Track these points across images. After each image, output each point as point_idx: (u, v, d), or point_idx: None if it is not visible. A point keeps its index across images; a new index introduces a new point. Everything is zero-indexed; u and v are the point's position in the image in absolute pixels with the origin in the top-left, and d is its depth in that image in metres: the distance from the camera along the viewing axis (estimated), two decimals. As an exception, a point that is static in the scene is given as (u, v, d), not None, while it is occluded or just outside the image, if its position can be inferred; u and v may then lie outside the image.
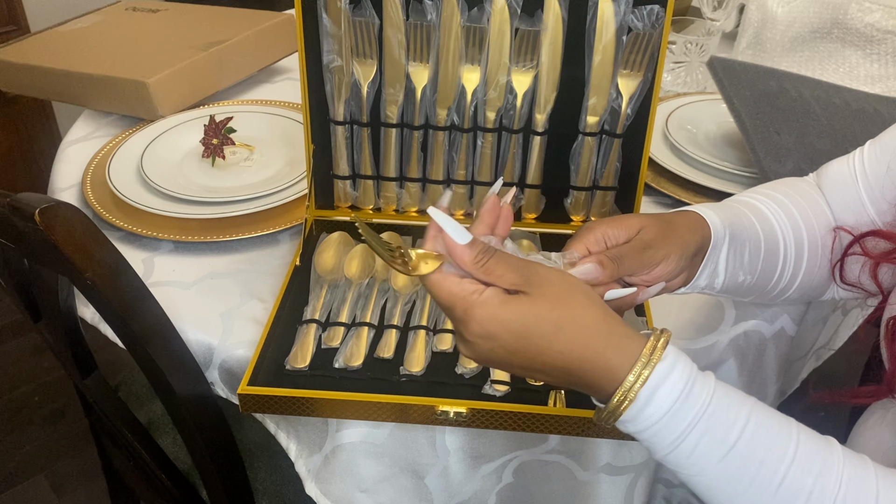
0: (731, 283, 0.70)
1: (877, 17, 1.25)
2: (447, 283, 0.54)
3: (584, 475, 0.78)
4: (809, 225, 0.74)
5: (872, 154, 0.73)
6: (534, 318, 0.52)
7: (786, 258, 0.72)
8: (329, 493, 0.78)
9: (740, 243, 0.68)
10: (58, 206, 0.64)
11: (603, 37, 0.81)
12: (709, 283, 0.68)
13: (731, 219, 0.68)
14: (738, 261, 0.68)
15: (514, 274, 0.53)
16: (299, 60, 0.84)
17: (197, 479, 1.02)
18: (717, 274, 0.68)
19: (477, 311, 0.53)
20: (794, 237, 0.73)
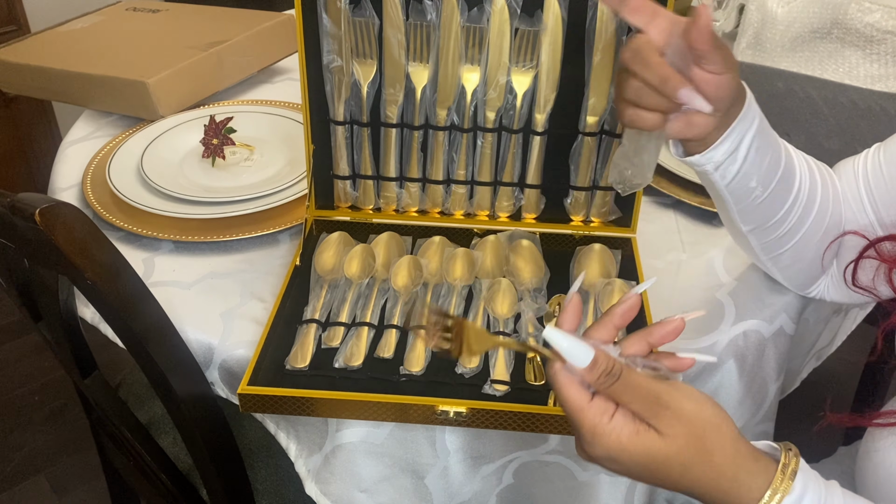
0: (742, 184, 0.68)
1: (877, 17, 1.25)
2: (576, 397, 0.52)
3: (584, 476, 0.78)
4: (825, 191, 0.74)
5: (877, 158, 0.73)
6: (663, 458, 0.51)
7: (798, 197, 0.72)
8: (329, 493, 0.78)
9: (765, 143, 0.67)
10: (58, 206, 0.64)
11: (603, 37, 0.81)
12: (725, 160, 0.65)
13: (762, 114, 0.67)
14: (759, 161, 0.67)
15: (640, 404, 0.51)
16: (299, 60, 0.84)
17: (197, 479, 1.02)
18: (737, 156, 0.65)
19: (604, 440, 0.52)
20: (810, 185, 0.73)
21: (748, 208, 0.71)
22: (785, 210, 0.72)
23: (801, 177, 0.72)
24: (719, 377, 0.81)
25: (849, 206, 0.74)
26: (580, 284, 0.58)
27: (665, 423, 0.51)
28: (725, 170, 0.67)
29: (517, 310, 0.81)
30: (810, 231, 0.74)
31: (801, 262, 0.78)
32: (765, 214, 0.72)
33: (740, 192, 0.69)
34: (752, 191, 0.69)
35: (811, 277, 0.80)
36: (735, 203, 0.71)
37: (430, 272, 0.85)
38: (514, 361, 0.76)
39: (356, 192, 0.92)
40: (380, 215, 0.93)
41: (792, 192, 0.71)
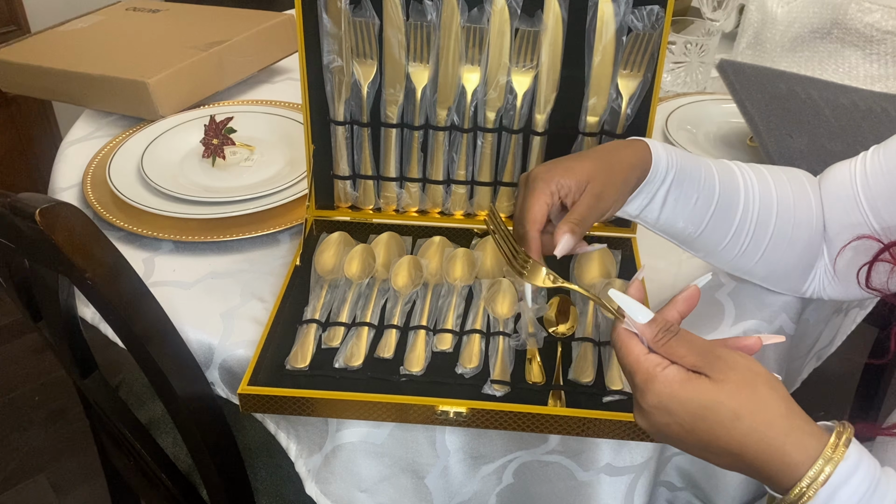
0: (669, 226, 0.72)
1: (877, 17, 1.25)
2: (635, 348, 0.55)
3: (584, 476, 0.78)
4: (784, 204, 0.74)
5: (876, 158, 0.73)
6: (713, 403, 0.51)
7: (743, 223, 0.73)
8: (329, 493, 0.78)
9: (686, 191, 0.70)
10: (58, 206, 0.64)
11: (603, 37, 0.81)
12: (641, 214, 0.71)
13: (685, 164, 0.70)
14: (681, 207, 0.70)
15: (695, 356, 0.53)
16: (299, 60, 0.84)
17: (197, 478, 1.02)
18: (652, 209, 0.70)
19: (657, 386, 0.53)
20: (761, 207, 0.73)
21: (688, 242, 0.74)
22: (731, 238, 0.74)
23: (747, 202, 0.73)
24: (719, 377, 0.81)
25: (842, 208, 0.75)
26: (642, 275, 0.62)
27: (718, 370, 0.52)
28: (644, 220, 0.72)
29: (517, 310, 0.81)
30: (775, 245, 0.75)
31: (780, 271, 0.78)
32: (707, 245, 0.74)
33: (671, 232, 0.73)
34: (683, 230, 0.72)
35: (797, 281, 0.80)
36: (673, 239, 0.75)
37: (430, 272, 0.85)
38: (514, 361, 0.76)
39: (356, 192, 0.92)
40: (380, 215, 0.93)
41: (734, 221, 0.73)
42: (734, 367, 0.52)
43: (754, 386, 0.52)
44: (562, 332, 0.79)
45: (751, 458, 0.51)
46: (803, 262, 0.78)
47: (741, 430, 0.51)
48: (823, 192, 0.77)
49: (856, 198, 0.73)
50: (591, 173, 0.67)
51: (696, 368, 0.53)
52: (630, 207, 0.70)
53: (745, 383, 0.52)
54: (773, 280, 0.80)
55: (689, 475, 0.90)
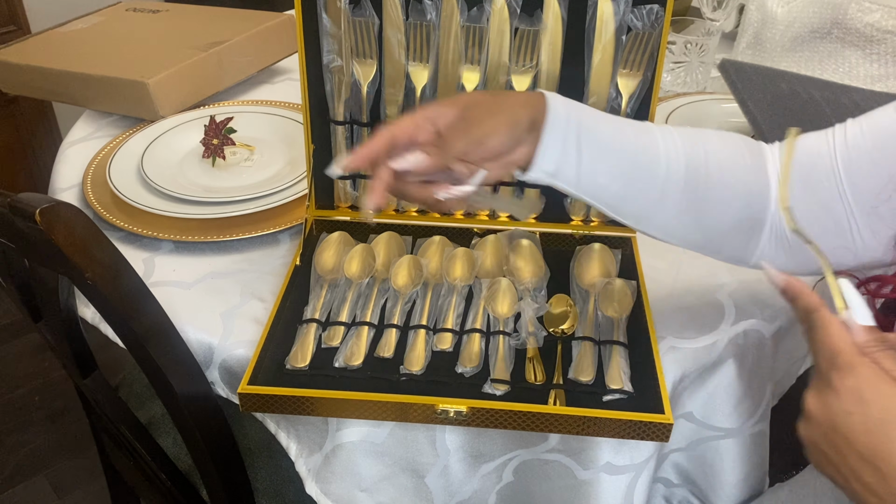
0: (592, 184, 0.69)
1: (877, 17, 1.25)
2: (842, 331, 0.52)
3: (584, 474, 0.79)
4: (717, 168, 0.70)
5: (857, 131, 0.69)
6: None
7: (668, 183, 0.69)
8: (329, 493, 0.78)
9: (598, 140, 0.67)
10: (58, 206, 0.65)
11: (602, 36, 0.82)
12: (559, 169, 0.67)
13: (586, 114, 0.68)
14: (597, 158, 0.67)
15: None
16: (299, 60, 0.84)
17: (197, 478, 1.02)
18: (568, 163, 0.67)
19: (866, 370, 0.49)
20: (688, 167, 0.69)
21: (615, 206, 0.71)
22: (657, 197, 0.70)
23: (669, 160, 0.69)
24: (719, 376, 0.82)
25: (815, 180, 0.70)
26: None
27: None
28: (565, 175, 0.68)
29: (517, 309, 0.81)
30: (709, 209, 0.71)
31: (716, 238, 0.74)
32: (637, 207, 0.71)
33: (597, 193, 0.70)
34: (608, 188, 0.69)
35: (740, 250, 0.75)
36: (600, 203, 0.71)
37: (430, 272, 0.85)
38: (514, 361, 0.76)
39: (356, 191, 0.92)
40: (380, 215, 0.93)
41: (657, 179, 0.69)
42: None
43: None
44: (562, 331, 0.79)
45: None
46: (743, 229, 0.73)
47: None
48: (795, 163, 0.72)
49: (833, 171, 0.69)
50: (471, 101, 0.66)
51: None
52: (544, 162, 0.66)
53: None
54: (712, 248, 0.76)
55: (687, 472, 0.90)
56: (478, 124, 0.64)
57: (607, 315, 0.80)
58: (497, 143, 0.64)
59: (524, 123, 0.65)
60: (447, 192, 0.66)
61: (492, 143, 0.64)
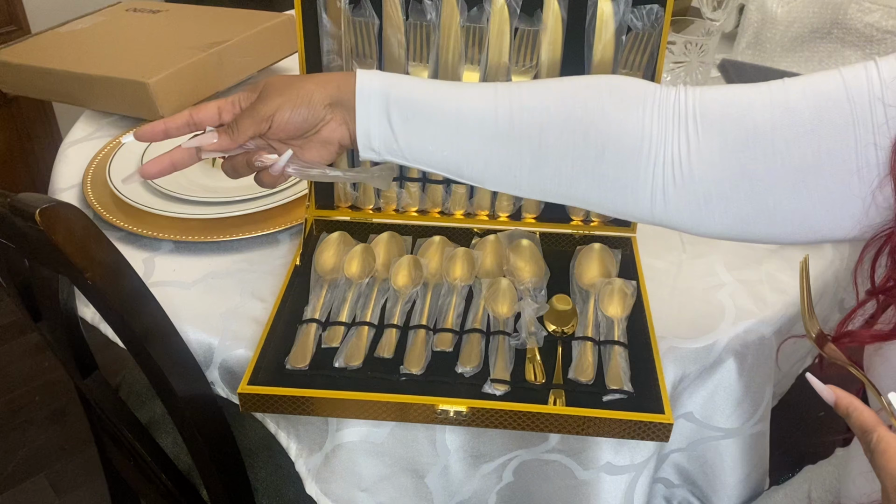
0: (423, 154, 0.68)
1: (876, 17, 1.25)
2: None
3: (584, 474, 0.79)
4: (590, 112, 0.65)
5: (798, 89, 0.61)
6: None
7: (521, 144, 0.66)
8: (329, 493, 0.78)
9: (413, 111, 0.66)
10: (58, 206, 0.64)
11: (602, 36, 0.82)
12: (382, 144, 0.68)
13: (408, 84, 0.67)
14: (417, 128, 0.67)
15: None
16: (299, 60, 0.84)
17: (197, 478, 1.02)
18: (386, 137, 0.67)
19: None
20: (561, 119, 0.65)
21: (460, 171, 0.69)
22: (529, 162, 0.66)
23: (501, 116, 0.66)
24: (719, 376, 0.82)
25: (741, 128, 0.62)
26: None
27: None
28: (390, 150, 0.68)
29: (517, 309, 0.81)
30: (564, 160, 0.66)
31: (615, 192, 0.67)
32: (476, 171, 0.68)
33: (427, 160, 0.68)
34: (445, 158, 0.68)
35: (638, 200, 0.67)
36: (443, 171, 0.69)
37: (430, 272, 0.85)
38: (513, 361, 0.76)
39: (356, 191, 0.92)
40: (380, 215, 0.93)
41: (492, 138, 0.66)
42: None
43: None
44: (562, 331, 0.79)
45: None
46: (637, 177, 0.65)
47: None
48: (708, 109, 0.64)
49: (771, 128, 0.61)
50: (269, 83, 0.68)
51: None
52: (362, 138, 0.67)
53: None
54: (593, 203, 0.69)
55: (687, 472, 0.90)
56: (264, 103, 0.67)
57: (607, 315, 0.80)
58: (284, 120, 0.66)
59: (318, 101, 0.67)
60: (259, 159, 0.69)
61: (278, 119, 0.66)
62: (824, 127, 0.60)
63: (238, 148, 0.70)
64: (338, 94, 0.67)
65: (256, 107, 0.67)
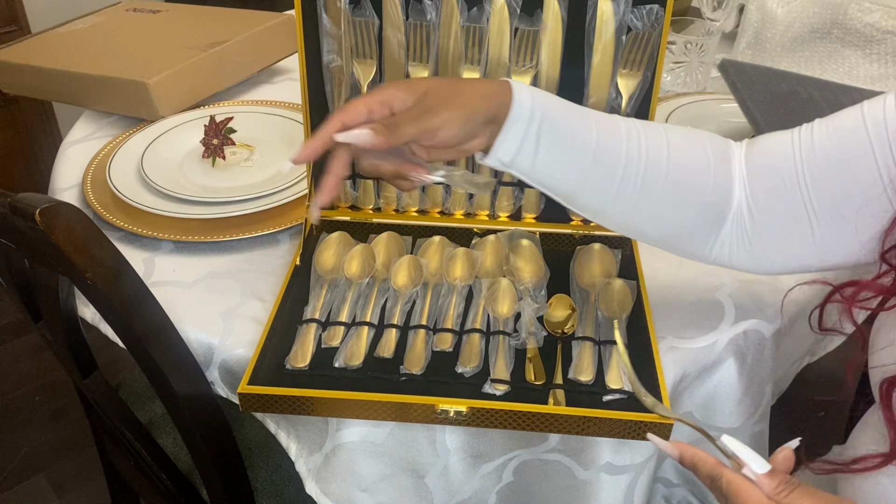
0: (548, 177, 0.69)
1: (876, 17, 1.25)
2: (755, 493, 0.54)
3: (584, 474, 0.79)
4: (676, 162, 0.70)
5: (823, 132, 0.68)
6: None
7: (627, 179, 0.69)
8: (329, 493, 0.78)
9: (560, 136, 0.67)
10: (58, 206, 0.65)
11: (602, 36, 0.82)
12: (514, 161, 0.67)
13: (552, 107, 0.67)
14: (556, 154, 0.67)
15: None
16: (299, 60, 0.84)
17: (197, 478, 1.02)
18: (525, 155, 0.67)
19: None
20: (648, 162, 0.69)
21: (570, 198, 0.71)
22: (615, 194, 0.70)
23: (630, 156, 0.69)
24: (719, 376, 0.82)
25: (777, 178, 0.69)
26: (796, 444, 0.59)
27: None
28: (520, 168, 0.68)
29: (517, 309, 0.81)
30: (665, 204, 0.71)
31: (673, 234, 0.74)
32: (591, 202, 0.71)
33: (551, 185, 0.70)
34: (561, 182, 0.69)
35: (698, 247, 0.75)
36: (554, 194, 0.71)
37: (430, 272, 0.85)
38: (513, 361, 0.76)
39: (356, 191, 0.92)
40: (380, 215, 0.93)
41: (616, 176, 0.69)
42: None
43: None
44: (562, 331, 0.79)
45: None
46: (701, 227, 0.73)
47: None
48: (754, 159, 0.72)
49: (796, 169, 0.68)
50: (430, 88, 0.65)
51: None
52: (501, 153, 0.66)
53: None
54: (668, 244, 0.75)
55: (686, 472, 0.90)
56: (433, 114, 0.63)
57: (607, 315, 0.80)
58: (449, 136, 0.64)
59: (481, 117, 0.65)
60: (418, 176, 0.66)
61: (444, 135, 0.64)
62: (846, 156, 0.65)
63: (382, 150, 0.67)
64: (496, 112, 0.65)
65: (423, 117, 0.63)
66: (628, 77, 0.83)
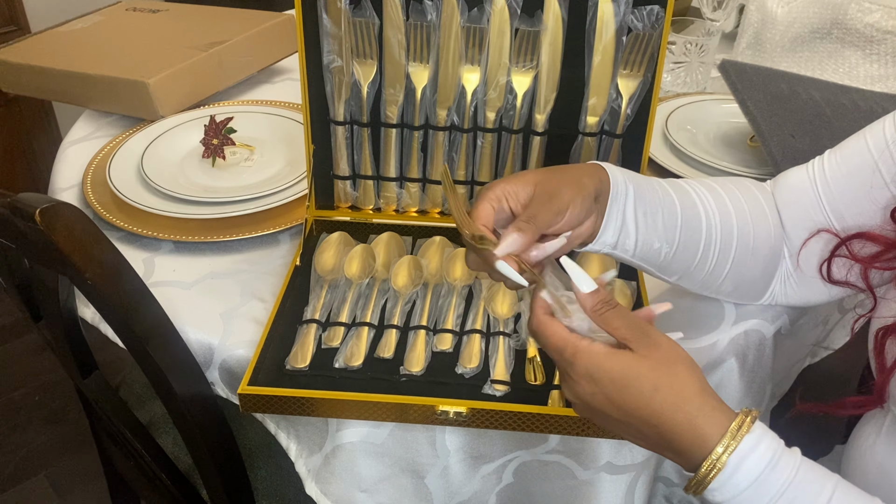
0: (647, 249, 0.71)
1: (877, 17, 1.25)
2: (559, 328, 0.59)
3: (584, 475, 0.79)
4: (742, 216, 0.74)
5: (834, 161, 0.74)
6: (634, 374, 0.56)
7: (710, 238, 0.73)
8: (329, 493, 0.78)
9: (650, 206, 0.69)
10: (58, 207, 0.65)
11: (603, 37, 0.81)
12: (619, 240, 0.69)
13: (637, 180, 0.69)
14: (651, 224, 0.69)
15: (627, 329, 0.57)
16: (299, 60, 0.84)
17: (197, 478, 1.02)
18: (628, 232, 0.69)
19: (584, 357, 0.57)
20: (722, 221, 0.73)
21: (664, 266, 0.73)
22: (701, 253, 0.73)
23: (707, 216, 0.73)
24: (720, 376, 0.82)
25: (803, 213, 0.75)
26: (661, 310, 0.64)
27: (643, 346, 0.57)
28: (623, 246, 0.70)
29: (517, 310, 0.81)
30: (740, 258, 0.75)
31: (745, 284, 0.79)
32: (682, 265, 0.74)
33: (649, 257, 0.72)
34: (659, 251, 0.71)
35: (759, 291, 0.80)
36: (650, 266, 0.73)
37: (430, 272, 0.85)
38: (514, 361, 0.76)
39: (356, 192, 0.92)
40: (380, 215, 0.93)
41: (701, 235, 0.72)
42: (658, 346, 0.57)
43: (674, 364, 0.56)
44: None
45: (667, 429, 0.56)
46: (766, 273, 0.78)
47: (658, 400, 0.55)
48: (780, 199, 0.77)
49: (817, 201, 0.74)
50: (538, 177, 0.66)
51: (624, 341, 0.57)
52: (607, 236, 0.68)
53: (666, 360, 0.56)
54: (738, 294, 0.80)
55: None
56: (557, 196, 0.64)
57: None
58: (575, 215, 0.65)
59: (591, 194, 0.66)
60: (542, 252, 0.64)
61: (572, 213, 0.64)
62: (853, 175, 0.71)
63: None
64: (599, 187, 0.66)
65: (551, 202, 0.63)
66: (628, 77, 0.83)
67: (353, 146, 0.89)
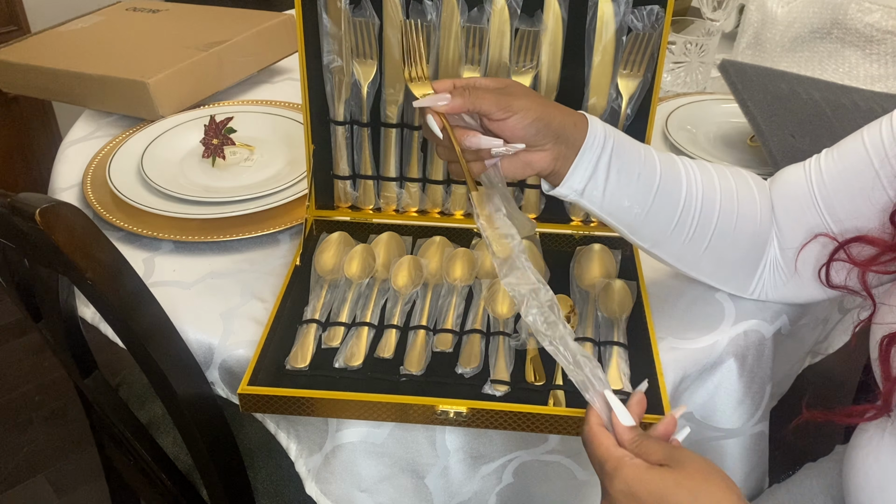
0: (615, 205, 0.72)
1: (877, 17, 1.25)
2: (605, 440, 0.62)
3: (584, 475, 0.79)
4: (728, 195, 0.75)
5: (830, 159, 0.74)
6: (673, 484, 0.58)
7: (688, 209, 0.73)
8: (329, 493, 0.78)
9: (628, 164, 0.70)
10: (58, 206, 0.64)
11: (603, 37, 0.81)
12: (587, 188, 0.70)
13: (621, 139, 0.71)
14: (624, 181, 0.70)
15: (661, 453, 0.60)
16: (299, 60, 0.84)
17: (197, 478, 1.02)
18: (597, 183, 0.70)
19: (626, 471, 0.59)
20: (704, 195, 0.74)
21: (635, 227, 0.74)
22: (676, 223, 0.74)
23: (689, 187, 0.73)
24: (719, 376, 0.82)
25: (797, 209, 0.75)
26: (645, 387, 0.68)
27: (679, 463, 0.59)
28: (591, 196, 0.71)
29: (517, 310, 0.81)
30: (720, 235, 0.75)
31: (726, 266, 0.79)
32: (654, 231, 0.74)
33: (618, 214, 0.73)
34: (629, 209, 0.72)
35: (744, 280, 0.81)
36: (620, 224, 0.74)
37: (430, 272, 0.85)
38: (514, 361, 0.76)
39: (356, 192, 0.92)
40: (380, 215, 0.93)
41: (679, 205, 0.73)
42: (693, 460, 0.59)
43: (710, 473, 0.58)
44: (562, 332, 0.79)
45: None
46: (749, 260, 0.79)
47: None
48: (776, 194, 0.78)
49: (812, 199, 0.74)
50: (515, 84, 0.69)
51: (661, 462, 0.59)
52: (574, 180, 0.69)
53: (702, 470, 0.58)
54: (720, 277, 0.81)
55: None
56: (513, 97, 0.66)
57: (607, 315, 0.80)
58: (521, 124, 0.66)
59: (555, 126, 0.67)
60: (476, 140, 0.67)
61: (517, 121, 0.66)
62: (850, 174, 0.71)
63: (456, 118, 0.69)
64: (570, 132, 0.68)
65: (503, 97, 0.66)
66: (628, 77, 0.83)
67: (353, 146, 0.89)
